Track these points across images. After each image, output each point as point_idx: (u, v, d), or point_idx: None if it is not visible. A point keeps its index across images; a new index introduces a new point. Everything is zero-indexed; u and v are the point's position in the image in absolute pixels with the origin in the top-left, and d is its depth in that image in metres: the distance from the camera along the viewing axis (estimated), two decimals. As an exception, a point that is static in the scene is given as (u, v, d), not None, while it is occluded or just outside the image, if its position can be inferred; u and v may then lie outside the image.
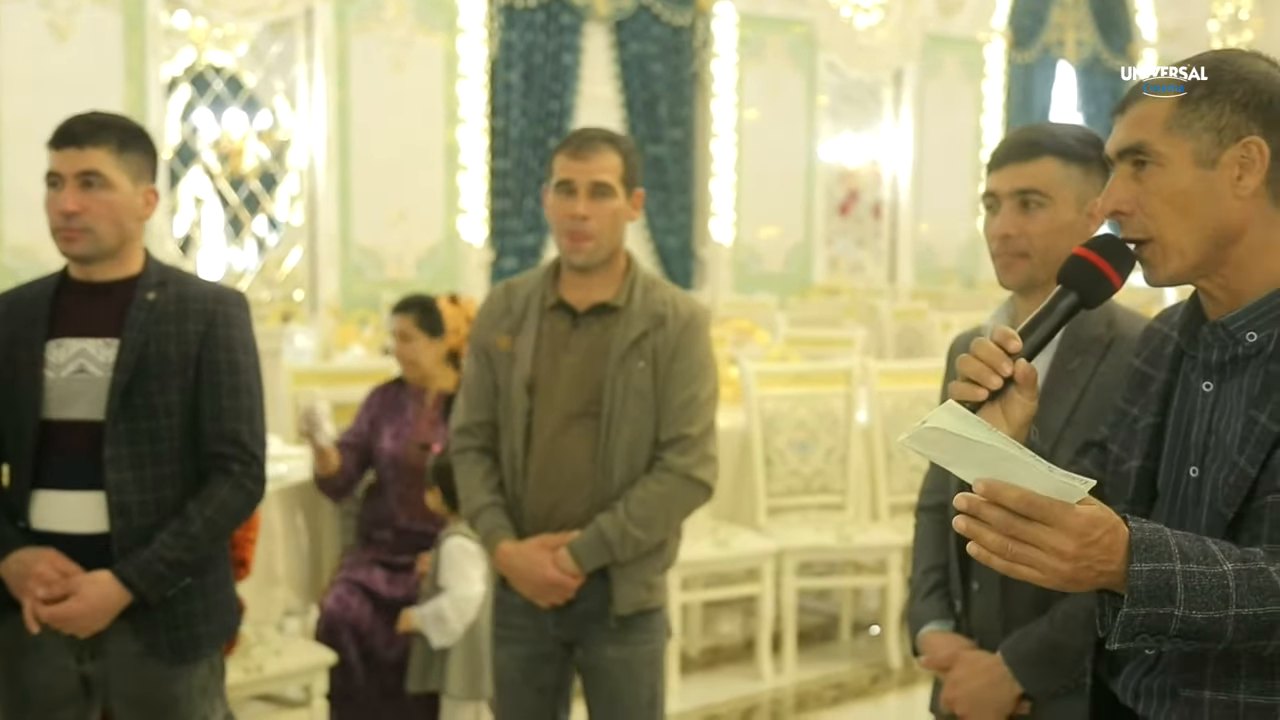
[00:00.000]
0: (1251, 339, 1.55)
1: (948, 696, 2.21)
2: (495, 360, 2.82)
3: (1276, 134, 1.54)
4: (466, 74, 9.78)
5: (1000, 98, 12.92)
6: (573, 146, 2.73)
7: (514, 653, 2.87)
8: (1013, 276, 2.17)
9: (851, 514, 5.06)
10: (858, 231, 12.61)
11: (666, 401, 2.75)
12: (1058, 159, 2.12)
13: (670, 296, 2.80)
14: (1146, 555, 1.37)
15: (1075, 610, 2.08)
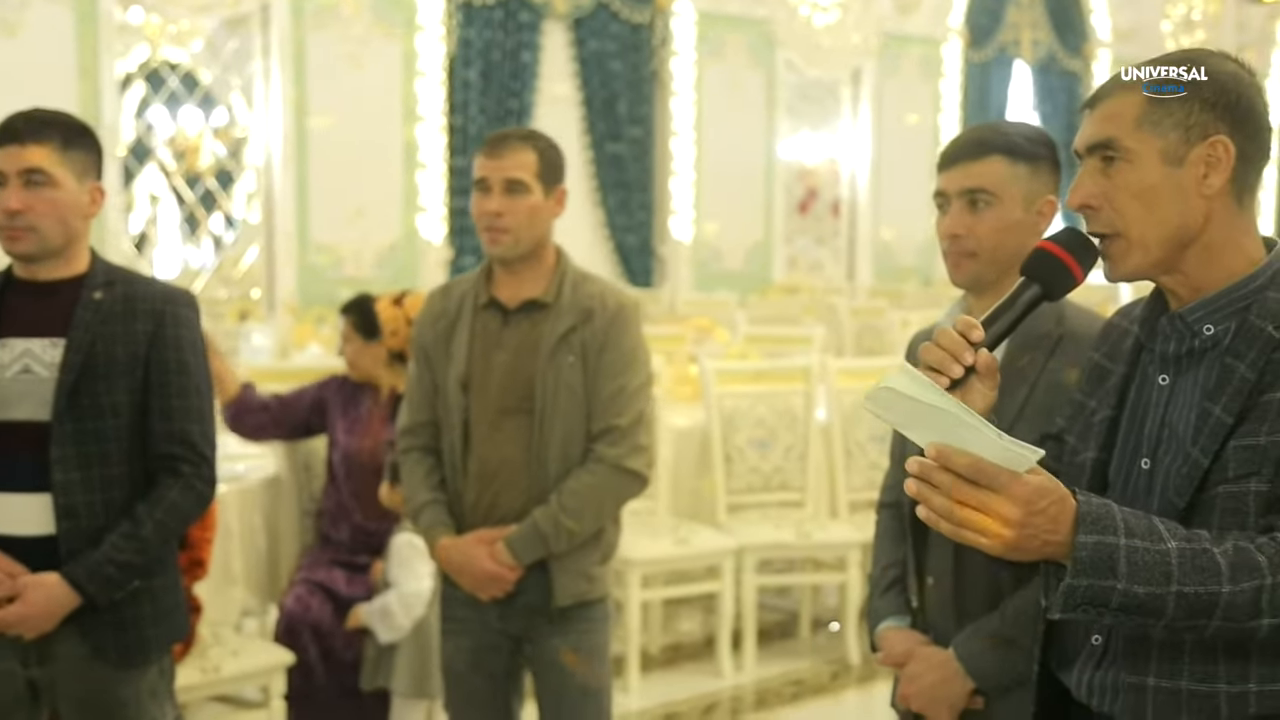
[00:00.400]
0: (1208, 332, 1.58)
1: (903, 692, 2.23)
2: (433, 360, 2.88)
3: (1242, 134, 1.56)
4: (424, 71, 9.73)
5: (957, 96, 12.98)
6: (489, 146, 2.82)
7: (460, 644, 2.93)
8: (962, 275, 2.19)
9: (811, 511, 5.08)
10: (817, 230, 12.64)
11: (596, 393, 2.80)
12: (1005, 158, 2.13)
13: (599, 290, 2.85)
14: (1092, 528, 1.39)
15: (1025, 605, 2.10)
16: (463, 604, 2.88)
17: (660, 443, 4.80)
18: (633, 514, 4.78)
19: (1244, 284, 1.57)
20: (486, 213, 2.78)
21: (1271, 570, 1.41)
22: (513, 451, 2.81)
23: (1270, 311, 1.54)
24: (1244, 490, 1.49)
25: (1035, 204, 2.16)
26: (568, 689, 2.87)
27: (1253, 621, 1.41)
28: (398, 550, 3.51)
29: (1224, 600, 1.40)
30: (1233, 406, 1.51)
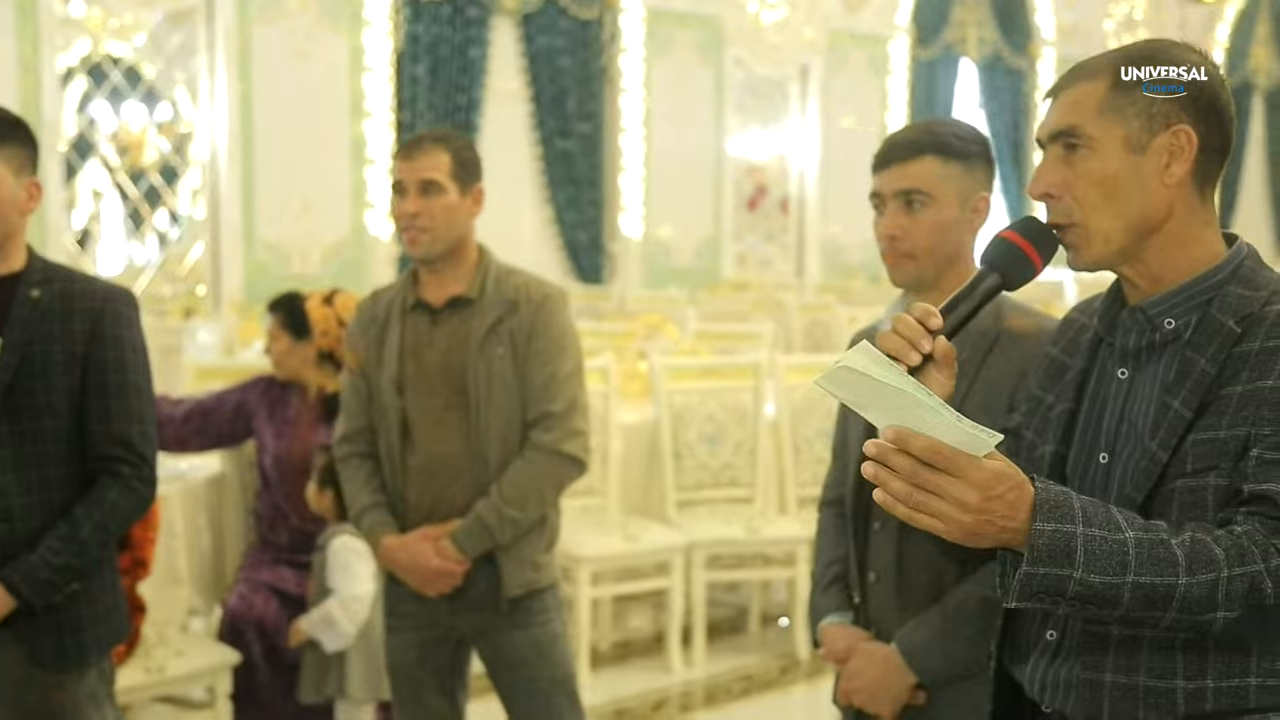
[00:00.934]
0: (1169, 325, 1.57)
1: (845, 688, 2.24)
2: (367, 366, 2.92)
3: (1205, 124, 1.55)
4: (372, 67, 9.67)
5: (904, 94, 13.06)
6: (404, 149, 2.86)
7: (407, 639, 2.94)
8: (901, 275, 2.20)
9: (760, 507, 5.09)
10: (766, 226, 12.67)
11: (529, 382, 2.83)
12: (939, 157, 2.14)
13: (523, 282, 2.89)
14: (1050, 515, 1.38)
15: (967, 599, 2.13)
16: (409, 600, 2.90)
17: (610, 439, 4.81)
18: (583, 510, 4.78)
19: (1205, 278, 1.56)
20: (404, 214, 2.82)
21: (1228, 563, 1.40)
22: (453, 447, 2.84)
23: (1231, 306, 1.53)
24: (1203, 484, 1.48)
25: (970, 201, 2.17)
26: (537, 683, 2.89)
27: (1209, 614, 1.40)
28: (334, 555, 3.47)
29: (1180, 592, 1.39)
30: (1192, 400, 1.50)
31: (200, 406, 3.81)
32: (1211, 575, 1.39)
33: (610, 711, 4.44)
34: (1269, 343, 1.48)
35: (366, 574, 3.45)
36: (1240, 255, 1.58)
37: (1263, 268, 1.58)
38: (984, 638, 2.10)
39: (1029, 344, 2.13)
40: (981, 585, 2.12)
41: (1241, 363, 1.49)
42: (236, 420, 3.82)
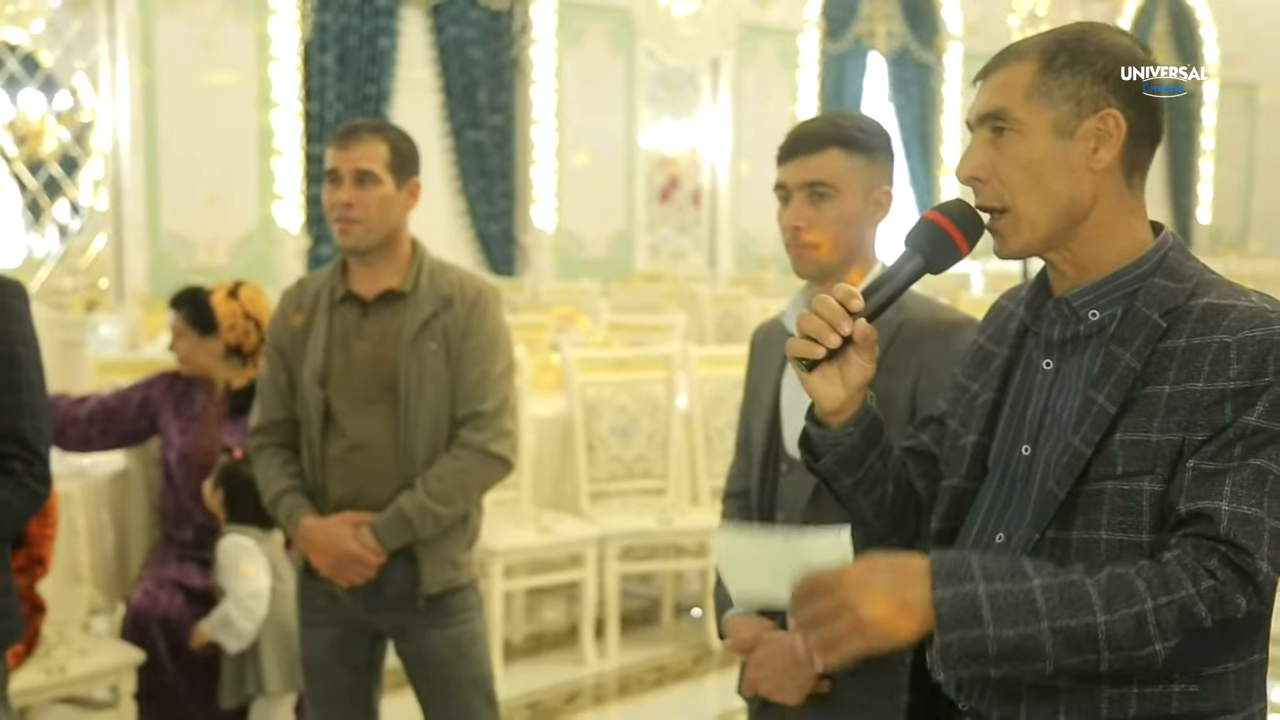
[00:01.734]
0: (1094, 317, 1.54)
1: (751, 677, 2.24)
2: (290, 357, 2.87)
3: (1134, 110, 1.52)
4: (279, 57, 9.54)
5: (815, 87, 13.17)
6: (339, 137, 2.80)
7: (323, 635, 2.91)
8: (805, 267, 2.21)
9: (673, 498, 5.11)
10: (678, 218, 12.71)
11: (460, 379, 2.81)
12: (843, 150, 2.15)
13: (457, 278, 2.86)
14: (948, 581, 1.37)
15: None
16: (324, 595, 2.87)
17: (523, 431, 4.79)
18: (495, 503, 4.76)
19: (1131, 269, 1.53)
20: (337, 204, 2.77)
21: (1152, 594, 1.36)
22: (378, 440, 2.80)
23: (1156, 299, 1.50)
24: (1136, 489, 1.45)
25: (873, 195, 2.19)
26: (456, 682, 2.87)
27: (1146, 649, 1.36)
28: (225, 554, 3.42)
29: (1103, 630, 1.36)
30: (1116, 396, 1.47)
31: (104, 406, 3.72)
32: (1134, 609, 1.36)
33: (523, 704, 4.43)
34: (1194, 340, 1.45)
35: (259, 569, 3.40)
36: (1166, 246, 1.55)
37: (1187, 258, 1.55)
38: None
39: (929, 336, 2.16)
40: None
41: (1167, 359, 1.46)
42: (141, 418, 3.74)
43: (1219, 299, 1.47)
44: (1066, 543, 1.49)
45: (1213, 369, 1.42)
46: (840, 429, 1.63)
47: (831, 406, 1.60)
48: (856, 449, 1.64)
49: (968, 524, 1.63)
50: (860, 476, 1.67)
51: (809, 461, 1.69)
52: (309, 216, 9.80)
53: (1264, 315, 1.43)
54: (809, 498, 2.20)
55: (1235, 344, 1.42)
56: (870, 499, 1.71)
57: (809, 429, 1.67)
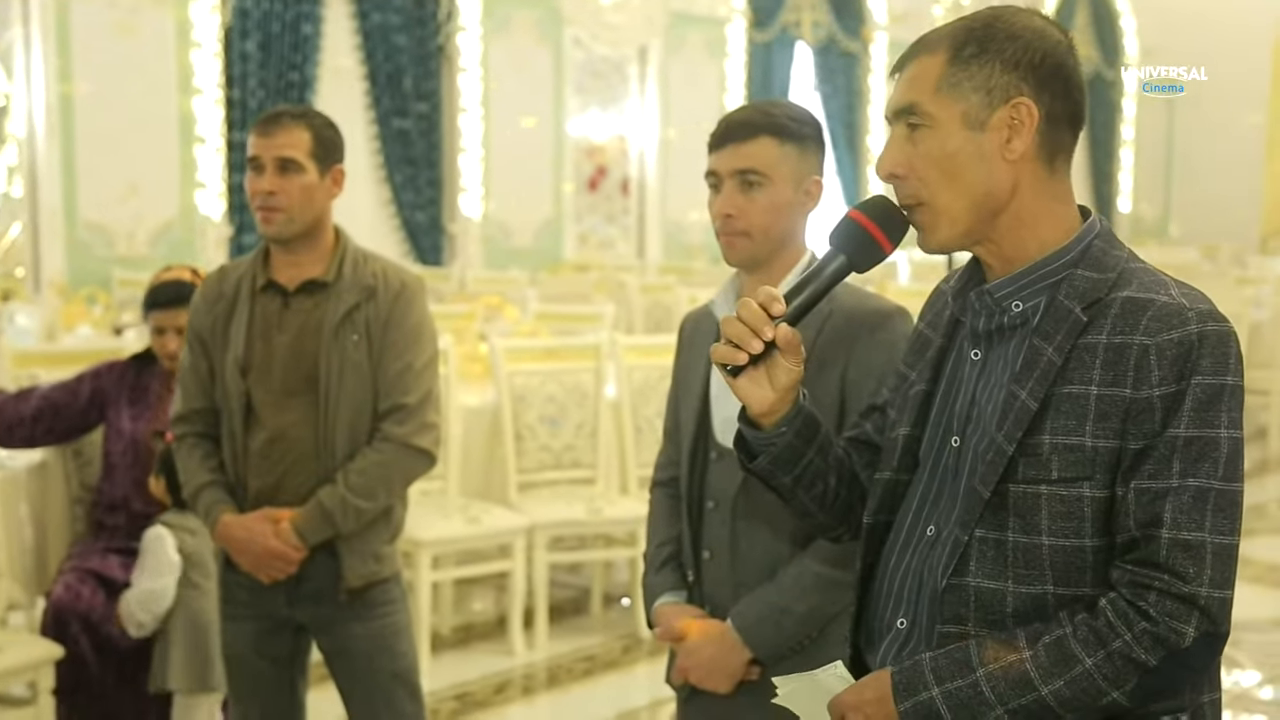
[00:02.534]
0: (1017, 309, 1.52)
1: (681, 665, 2.25)
2: (210, 345, 2.83)
3: (1049, 95, 1.49)
4: (200, 42, 9.38)
5: (742, 76, 13.20)
6: (261, 124, 2.76)
7: (243, 628, 2.88)
8: (736, 254, 2.21)
9: (602, 488, 5.10)
10: (607, 207, 12.70)
11: (383, 372, 2.78)
12: (774, 139, 2.16)
13: (381, 269, 2.83)
14: (907, 693, 1.46)
15: (802, 574, 2.15)
16: (245, 588, 2.84)
17: (450, 422, 4.75)
18: (422, 494, 4.72)
19: (1053, 259, 1.51)
20: (259, 192, 2.73)
21: (1089, 652, 1.41)
22: (299, 433, 2.77)
23: (1079, 291, 1.48)
24: (1077, 494, 1.44)
25: (804, 184, 2.19)
26: (378, 676, 2.85)
27: (1105, 699, 1.41)
28: (146, 545, 3.39)
29: (1053, 699, 1.42)
30: (1038, 392, 1.46)
31: (50, 403, 3.64)
32: (1074, 670, 1.41)
33: (451, 696, 4.40)
34: (1115, 339, 1.44)
35: (166, 565, 3.36)
36: (1090, 234, 1.52)
37: (1113, 247, 1.52)
38: (818, 613, 2.15)
39: (859, 325, 2.16)
40: (815, 560, 2.15)
41: (1089, 356, 1.45)
42: (91, 410, 3.67)
43: (1138, 292, 1.46)
44: (1002, 544, 1.48)
45: (1137, 374, 1.42)
46: (773, 430, 1.62)
47: (761, 409, 1.59)
48: (791, 447, 1.63)
49: (900, 517, 1.62)
50: (799, 474, 1.66)
51: (744, 462, 1.68)
52: (231, 205, 9.67)
53: (1181, 314, 1.42)
54: (739, 486, 2.20)
55: (1155, 348, 1.41)
56: (812, 494, 1.70)
57: (742, 430, 1.66)
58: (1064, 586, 1.46)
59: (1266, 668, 4.67)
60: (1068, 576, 1.46)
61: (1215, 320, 1.43)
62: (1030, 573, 1.47)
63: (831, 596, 2.14)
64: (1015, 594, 1.48)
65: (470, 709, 4.33)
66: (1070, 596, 1.46)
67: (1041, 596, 1.47)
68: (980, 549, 1.49)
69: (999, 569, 1.48)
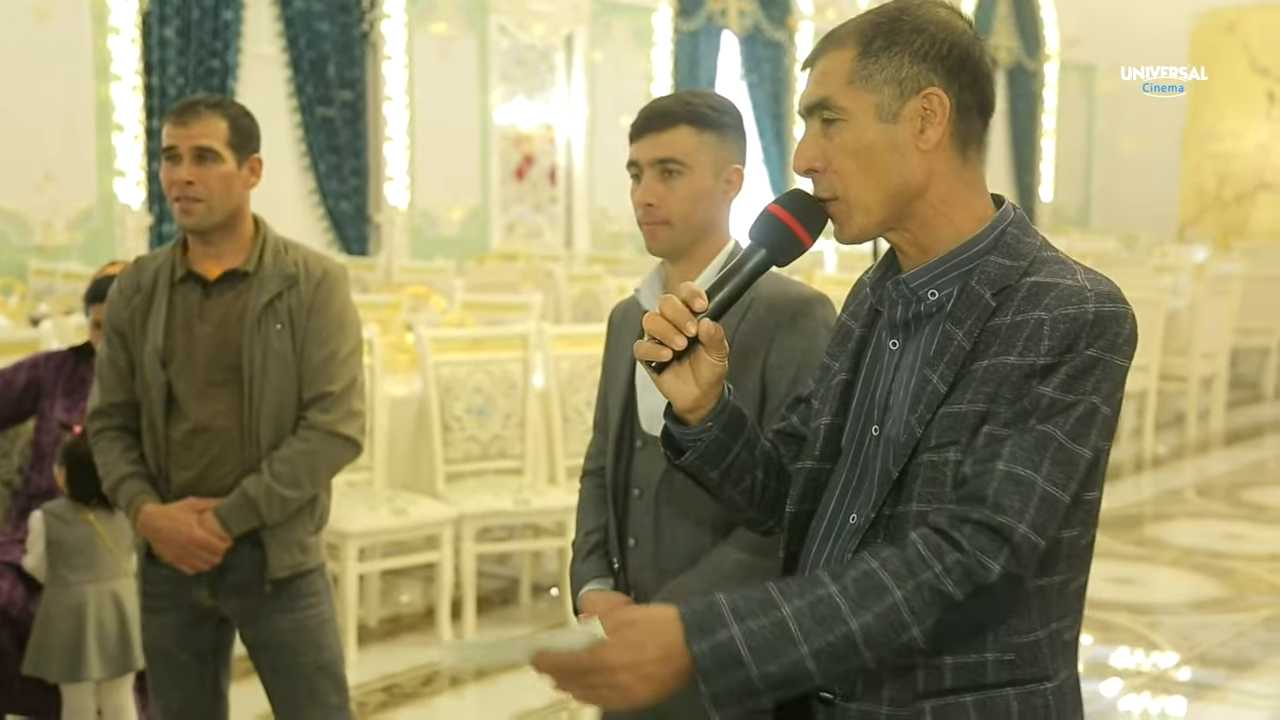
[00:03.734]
0: (932, 297, 1.54)
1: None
2: (129, 338, 2.79)
3: (958, 84, 1.52)
4: (118, 28, 9.21)
5: (668, 65, 13.20)
6: (177, 113, 2.73)
7: (165, 620, 2.85)
8: (657, 244, 2.23)
9: (530, 478, 5.09)
10: (534, 197, 12.65)
11: (307, 360, 2.77)
12: (693, 128, 2.18)
13: (302, 257, 2.82)
14: (701, 633, 1.39)
15: (722, 561, 2.18)
16: (167, 580, 2.81)
17: (376, 412, 4.72)
18: (348, 485, 4.68)
19: (967, 247, 1.53)
20: (176, 182, 2.71)
21: (898, 582, 1.40)
22: (224, 423, 2.75)
23: (990, 277, 1.50)
24: (943, 459, 1.47)
25: (724, 173, 2.21)
26: (302, 668, 2.83)
27: (905, 636, 1.40)
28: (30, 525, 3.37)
29: (859, 635, 1.39)
30: (948, 375, 1.48)
31: None
32: (884, 603, 1.39)
33: (379, 688, 4.38)
34: (1018, 317, 1.46)
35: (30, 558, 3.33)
36: (1004, 222, 1.54)
37: (1026, 234, 1.54)
38: None
39: (780, 313, 2.18)
40: (736, 548, 2.18)
41: (993, 337, 1.47)
42: (24, 400, 3.64)
43: (1046, 277, 1.49)
44: (905, 517, 1.50)
45: (1026, 344, 1.44)
46: (699, 425, 1.62)
47: (686, 404, 1.59)
48: (718, 442, 1.63)
49: (822, 507, 1.63)
50: (726, 468, 1.66)
51: (671, 458, 1.68)
52: (151, 193, 9.51)
53: (1081, 294, 1.45)
54: (662, 473, 2.22)
55: (1050, 321, 1.44)
56: (740, 488, 1.70)
57: (669, 426, 1.66)
58: None
59: (1183, 649, 4.77)
60: None
61: (1113, 302, 1.46)
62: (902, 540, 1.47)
63: (750, 581, 2.15)
64: None
65: (398, 701, 4.31)
66: None
67: None
68: (887, 527, 1.51)
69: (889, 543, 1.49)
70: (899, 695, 1.51)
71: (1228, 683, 4.55)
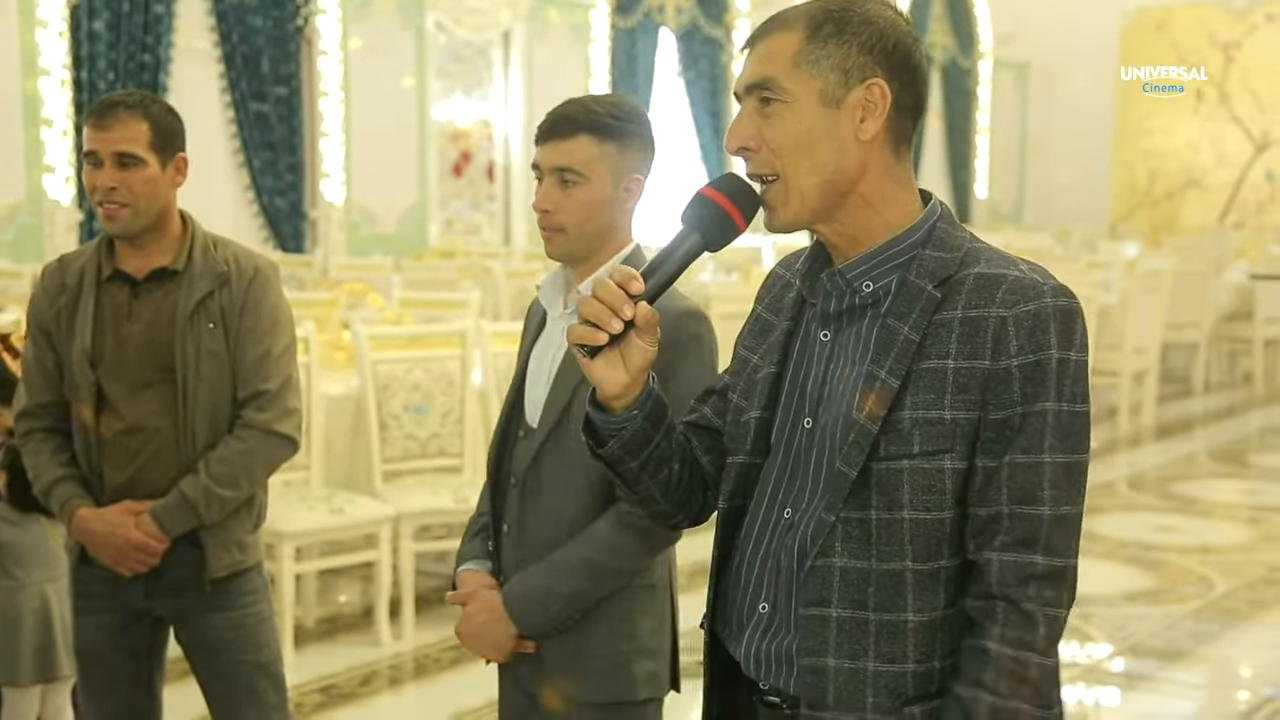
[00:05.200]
0: (868, 289, 1.54)
1: (457, 630, 2.35)
2: (56, 338, 2.74)
3: (899, 81, 1.53)
4: (45, 21, 9.05)
5: (606, 61, 13.19)
6: (96, 115, 2.66)
7: (99, 622, 2.81)
8: (554, 248, 2.27)
9: (469, 476, 5.06)
10: (472, 193, 12.59)
11: (241, 359, 2.73)
12: (594, 137, 2.19)
13: (233, 254, 2.78)
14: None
15: (569, 558, 2.23)
16: (101, 581, 2.77)
17: (313, 411, 4.67)
18: (285, 485, 4.64)
19: (901, 239, 1.54)
20: (99, 187, 2.64)
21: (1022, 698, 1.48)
22: (158, 423, 2.71)
23: (929, 270, 1.51)
24: (938, 467, 1.47)
25: (623, 182, 2.23)
26: (240, 667, 2.81)
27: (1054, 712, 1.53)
28: None
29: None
30: (899, 370, 1.48)
31: None
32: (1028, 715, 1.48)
33: (317, 688, 4.34)
34: (971, 312, 1.47)
35: None
36: (934, 216, 1.56)
37: (955, 228, 1.57)
38: (583, 596, 2.23)
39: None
40: (585, 546, 2.23)
41: (945, 331, 1.48)
42: None
43: (990, 268, 1.50)
44: (865, 523, 1.50)
45: (995, 346, 1.46)
46: (624, 413, 1.61)
47: (614, 391, 1.57)
48: (641, 431, 1.62)
49: (755, 501, 1.63)
50: (646, 459, 1.65)
51: (592, 448, 1.66)
52: (81, 189, 9.33)
53: (1036, 288, 1.47)
54: (530, 463, 2.29)
55: (1013, 319, 1.46)
56: (657, 480, 1.69)
57: (592, 415, 1.64)
58: (921, 561, 1.50)
59: (1116, 640, 4.83)
60: (926, 550, 1.49)
61: (1066, 295, 1.49)
62: (891, 548, 1.49)
63: (599, 581, 2.23)
64: (878, 571, 1.50)
65: (336, 701, 4.27)
66: (926, 572, 1.50)
67: (900, 572, 1.50)
68: (845, 529, 1.50)
69: (863, 548, 1.50)
70: (884, 702, 1.51)
71: (1160, 673, 4.62)
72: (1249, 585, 5.60)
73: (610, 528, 2.22)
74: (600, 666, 2.27)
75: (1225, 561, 5.99)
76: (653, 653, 2.32)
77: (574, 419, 2.17)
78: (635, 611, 2.30)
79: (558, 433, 2.26)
